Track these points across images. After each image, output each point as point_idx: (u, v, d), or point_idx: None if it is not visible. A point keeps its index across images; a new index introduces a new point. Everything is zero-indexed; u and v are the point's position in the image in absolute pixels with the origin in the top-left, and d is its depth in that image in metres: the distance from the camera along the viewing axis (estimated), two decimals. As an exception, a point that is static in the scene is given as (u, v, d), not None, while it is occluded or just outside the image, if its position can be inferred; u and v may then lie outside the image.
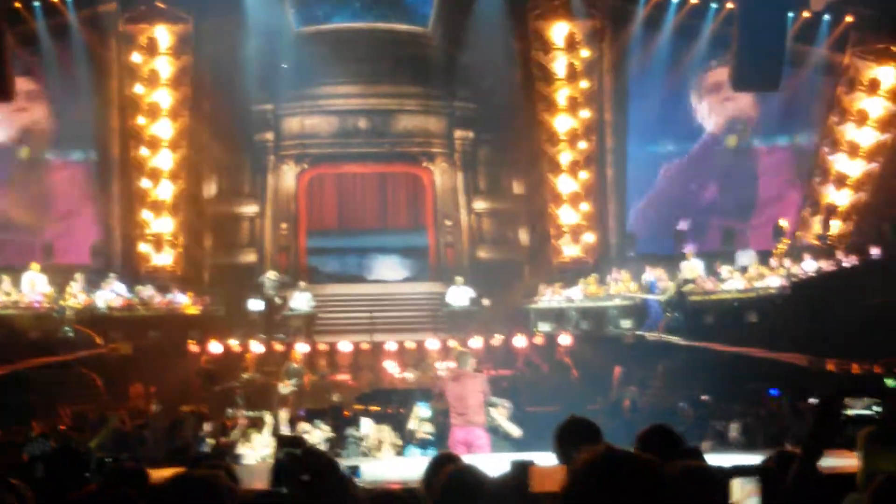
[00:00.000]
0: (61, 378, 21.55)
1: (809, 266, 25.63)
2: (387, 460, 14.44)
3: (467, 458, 7.70)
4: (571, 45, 29.27)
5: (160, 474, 7.10)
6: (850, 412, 5.27)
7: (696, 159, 29.76)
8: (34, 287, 25.44)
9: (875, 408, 5.28)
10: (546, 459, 5.51)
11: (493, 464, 7.66)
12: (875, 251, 25.37)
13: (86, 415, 19.32)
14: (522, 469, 4.90)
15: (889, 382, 16.94)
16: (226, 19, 27.74)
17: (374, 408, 18.78)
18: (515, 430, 14.31)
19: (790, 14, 25.45)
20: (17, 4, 26.42)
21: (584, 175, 29.25)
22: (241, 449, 15.69)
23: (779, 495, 4.86)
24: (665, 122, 29.00)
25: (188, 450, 15.31)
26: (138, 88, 28.46)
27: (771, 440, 14.19)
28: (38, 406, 19.62)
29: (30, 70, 27.76)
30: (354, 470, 8.43)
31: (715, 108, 29.49)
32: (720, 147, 29.71)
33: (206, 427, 16.42)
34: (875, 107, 28.07)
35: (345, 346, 25.09)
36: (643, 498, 3.01)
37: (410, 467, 11.53)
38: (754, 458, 6.96)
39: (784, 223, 27.55)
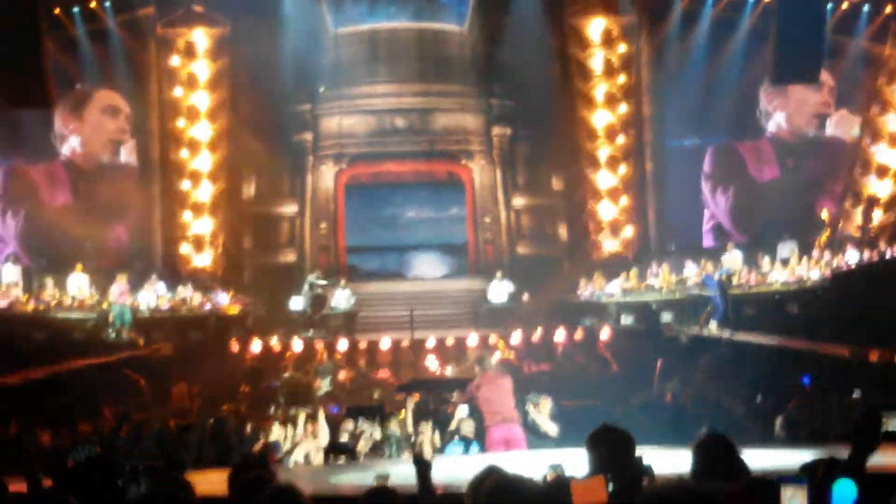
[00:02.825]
0: (104, 379, 21.63)
1: (851, 257, 25.41)
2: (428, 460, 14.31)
3: (506, 457, 7.71)
4: (608, 41, 29.27)
5: (205, 478, 7.19)
6: (890, 428, 5.25)
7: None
8: (81, 289, 25.59)
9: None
10: (583, 459, 5.51)
11: (532, 463, 7.68)
12: (918, 242, 25.12)
13: (127, 415, 19.42)
14: (563, 484, 4.91)
15: None
16: (262, 21, 27.93)
17: (414, 397, 18.55)
18: (553, 429, 14.28)
19: (829, 5, 25.24)
20: (57, 11, 26.57)
21: (622, 169, 29.19)
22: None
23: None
24: (702, 115, 28.75)
25: (231, 453, 15.36)
26: (177, 91, 28.66)
27: (814, 435, 14.05)
28: (81, 407, 19.70)
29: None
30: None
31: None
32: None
33: (248, 428, 16.46)
34: (917, 97, 27.80)
35: (385, 343, 25.14)
36: None
37: (452, 468, 11.50)
38: (799, 456, 6.93)
39: (825, 214, 27.38)
